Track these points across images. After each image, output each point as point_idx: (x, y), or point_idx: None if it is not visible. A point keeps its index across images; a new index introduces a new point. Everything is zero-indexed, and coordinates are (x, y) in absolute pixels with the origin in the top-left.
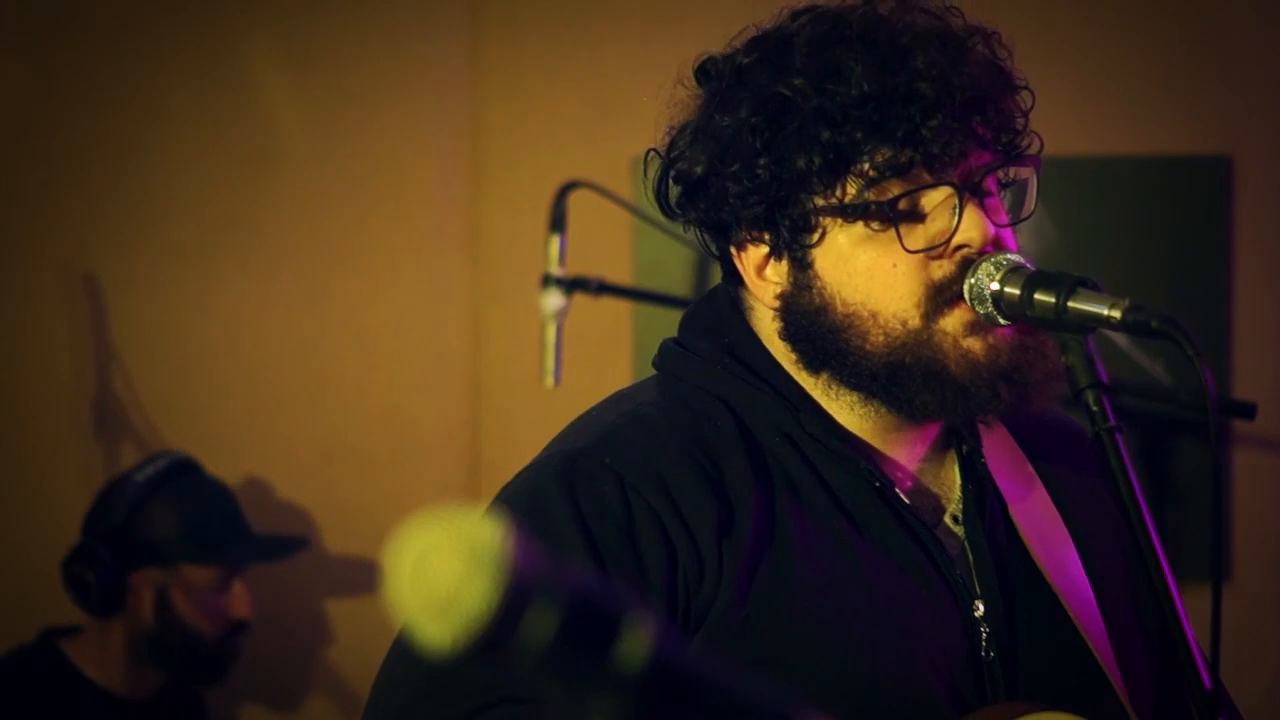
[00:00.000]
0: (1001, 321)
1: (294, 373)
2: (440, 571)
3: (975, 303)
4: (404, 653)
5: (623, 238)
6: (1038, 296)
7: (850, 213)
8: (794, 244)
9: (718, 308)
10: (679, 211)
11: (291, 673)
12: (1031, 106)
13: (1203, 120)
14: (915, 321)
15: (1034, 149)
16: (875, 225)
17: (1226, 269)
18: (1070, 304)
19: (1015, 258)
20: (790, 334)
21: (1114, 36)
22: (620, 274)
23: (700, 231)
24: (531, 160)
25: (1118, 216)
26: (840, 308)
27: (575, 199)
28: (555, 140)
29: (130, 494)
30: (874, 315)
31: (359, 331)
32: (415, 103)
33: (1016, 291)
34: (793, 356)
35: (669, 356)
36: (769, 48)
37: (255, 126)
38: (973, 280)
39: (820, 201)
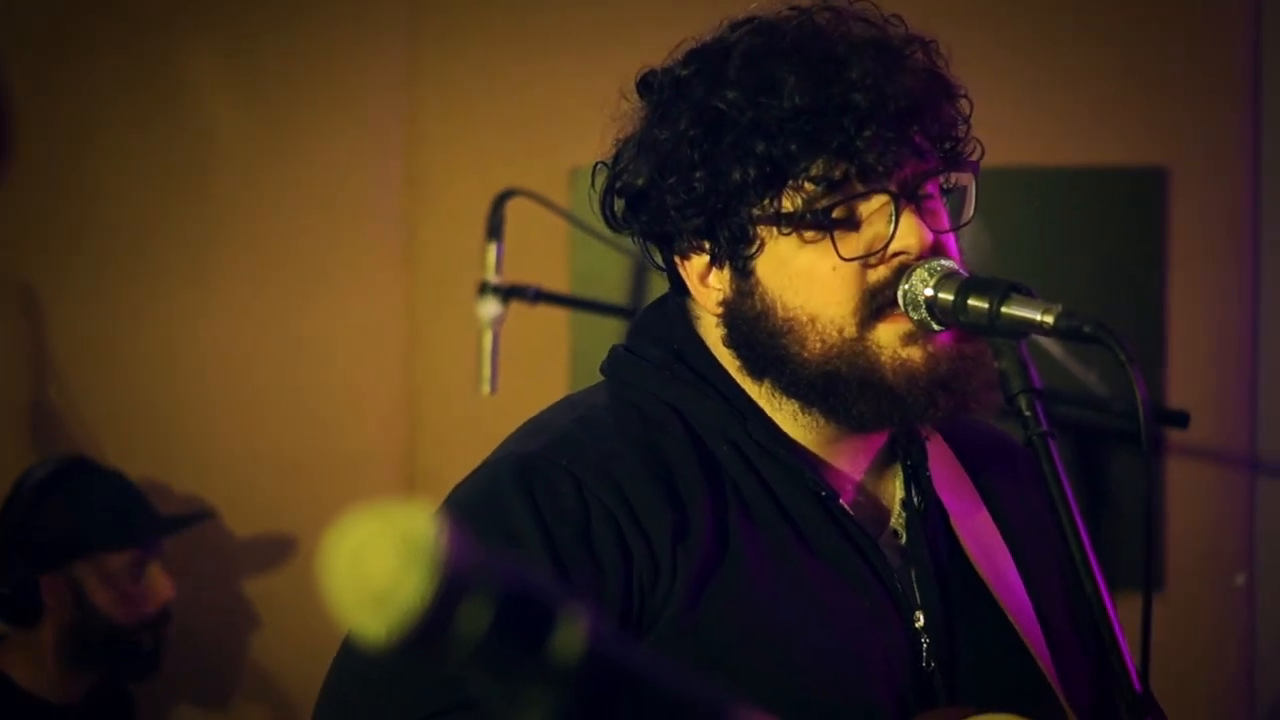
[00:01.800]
0: (935, 327)
1: (230, 382)
2: (375, 565)
3: (909, 309)
4: (349, 659)
5: (559, 246)
6: (971, 302)
7: (786, 222)
8: (734, 254)
9: (667, 314)
10: (623, 223)
11: (222, 677)
12: (970, 113)
13: (1139, 132)
14: (851, 330)
15: (974, 155)
16: (810, 235)
17: (1161, 280)
18: (1003, 309)
19: (949, 263)
20: (733, 340)
21: (1052, 49)
22: (557, 282)
23: (644, 243)
24: (468, 169)
25: (1054, 227)
26: (780, 312)
27: (512, 207)
28: (492, 149)
29: (24, 500)
30: (813, 320)
31: (295, 339)
32: (352, 111)
33: (950, 297)
34: (737, 363)
35: (619, 362)
36: (706, 60)
37: (191, 135)
38: (906, 286)
39: (758, 212)
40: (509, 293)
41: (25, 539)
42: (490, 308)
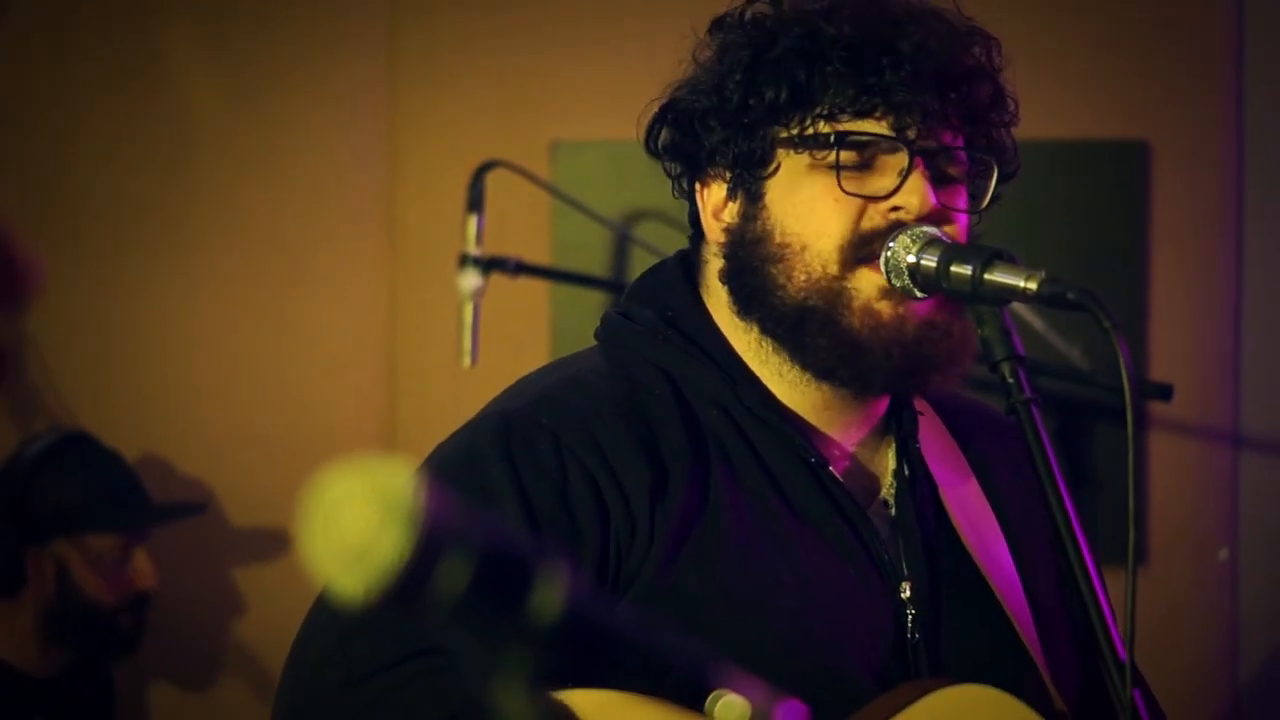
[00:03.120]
0: (919, 295)
1: (209, 357)
2: (354, 521)
3: (892, 275)
4: (324, 609)
5: (540, 219)
6: (954, 269)
7: (802, 143)
8: (750, 176)
9: (665, 278)
10: (660, 148)
11: (201, 653)
12: (1014, 117)
13: (1121, 105)
14: (834, 268)
15: (1006, 155)
16: (824, 158)
17: (1144, 254)
18: (986, 276)
19: (932, 230)
20: (728, 272)
21: (1034, 21)
22: (538, 254)
23: (671, 169)
24: (448, 141)
25: (1036, 201)
26: (778, 237)
27: (493, 179)
28: (472, 121)
29: (20, 470)
30: (804, 249)
31: (275, 314)
32: (331, 84)
33: (933, 264)
34: (728, 301)
35: (611, 325)
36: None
37: (170, 109)
38: (889, 253)
39: (782, 134)
40: (489, 265)
41: (14, 510)
42: (471, 280)
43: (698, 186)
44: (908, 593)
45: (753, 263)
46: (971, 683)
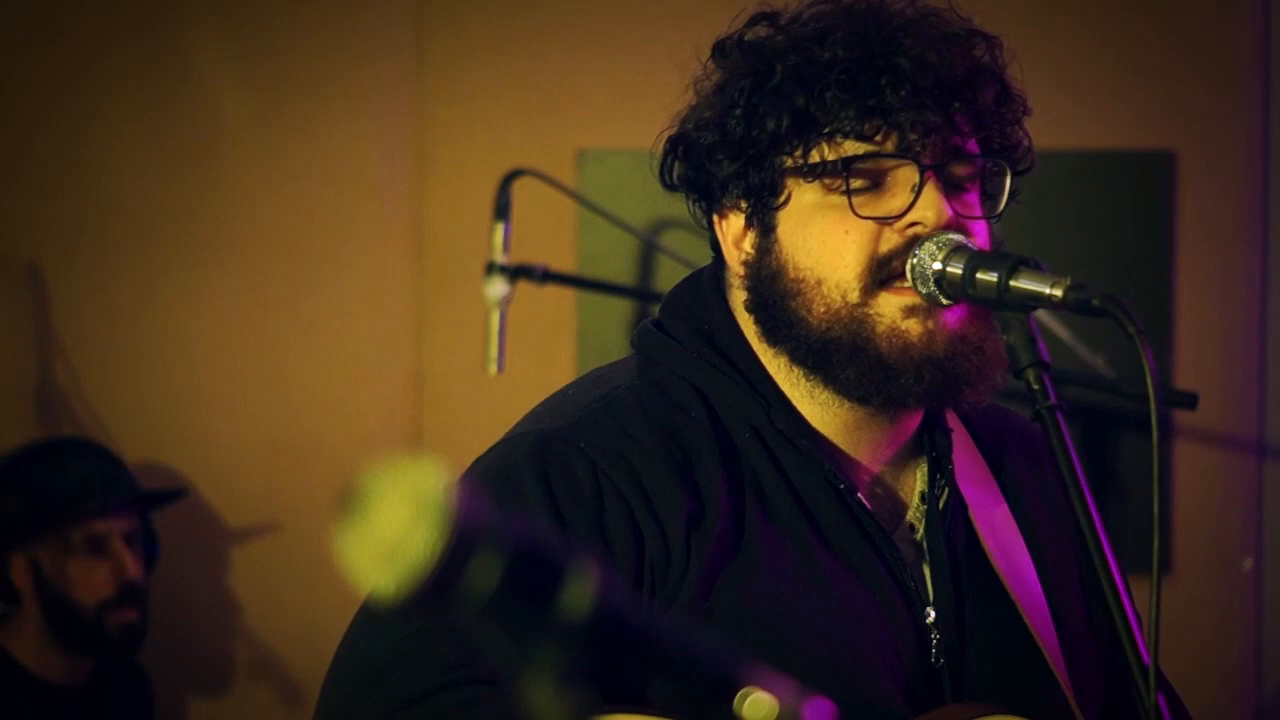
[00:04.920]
0: (944, 302)
1: (237, 363)
2: (386, 518)
3: (918, 283)
4: (365, 628)
5: (567, 226)
6: (980, 275)
7: (809, 172)
8: (762, 207)
9: (700, 290)
10: (676, 182)
11: (239, 659)
12: (1025, 115)
13: (1147, 115)
14: (854, 296)
15: (1021, 157)
16: (834, 186)
17: (1169, 264)
18: (1012, 283)
19: (958, 237)
20: (752, 304)
21: (1059, 31)
22: (564, 262)
23: (690, 201)
24: (476, 149)
25: (1062, 211)
26: (792, 273)
27: (519, 188)
28: (500, 130)
29: None
30: (820, 283)
31: (303, 320)
32: (360, 92)
33: (959, 270)
34: (756, 330)
35: (648, 339)
36: (770, 19)
37: (199, 117)
38: (915, 260)
39: (789, 163)
40: (516, 273)
41: None
42: (498, 288)
43: (715, 218)
44: (932, 617)
45: (772, 297)
46: (998, 711)
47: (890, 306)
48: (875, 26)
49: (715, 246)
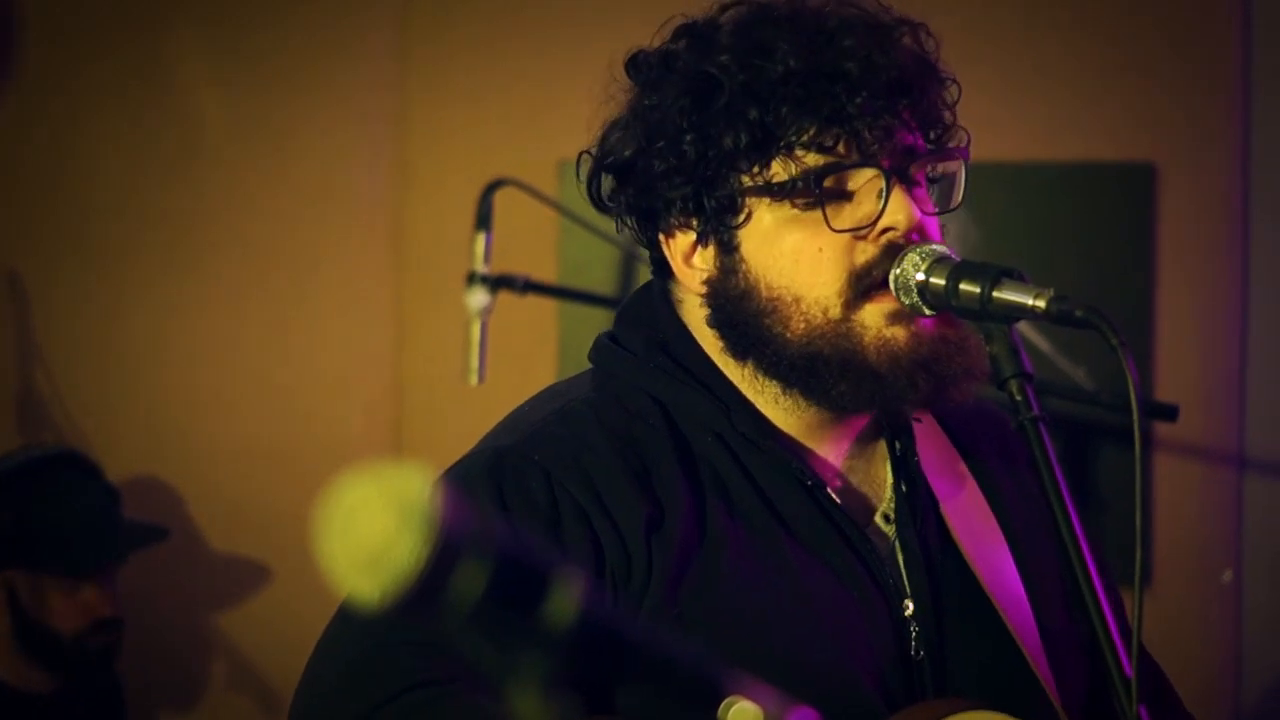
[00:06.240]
0: (927, 312)
1: (218, 371)
2: (370, 526)
3: (900, 293)
4: (339, 630)
5: (548, 237)
6: (963, 286)
7: (777, 191)
8: (720, 226)
9: (652, 301)
10: (609, 204)
11: (216, 668)
12: (957, 99)
13: (1127, 127)
14: (836, 311)
15: (961, 142)
16: (801, 203)
17: (1149, 276)
18: (995, 294)
19: (940, 248)
20: (716, 321)
21: (1040, 43)
22: (546, 272)
23: (629, 221)
24: (457, 159)
25: (1042, 222)
26: (765, 292)
27: (501, 197)
28: (481, 139)
29: None
30: (797, 301)
31: (283, 329)
32: (341, 100)
33: (942, 281)
34: (720, 345)
35: (604, 351)
36: (696, 33)
37: (180, 124)
38: (898, 270)
39: (748, 181)
40: (497, 283)
41: None
42: (478, 298)
43: (662, 236)
44: (910, 610)
45: (742, 317)
46: (979, 706)
47: (874, 316)
48: (814, 32)
49: (660, 264)
